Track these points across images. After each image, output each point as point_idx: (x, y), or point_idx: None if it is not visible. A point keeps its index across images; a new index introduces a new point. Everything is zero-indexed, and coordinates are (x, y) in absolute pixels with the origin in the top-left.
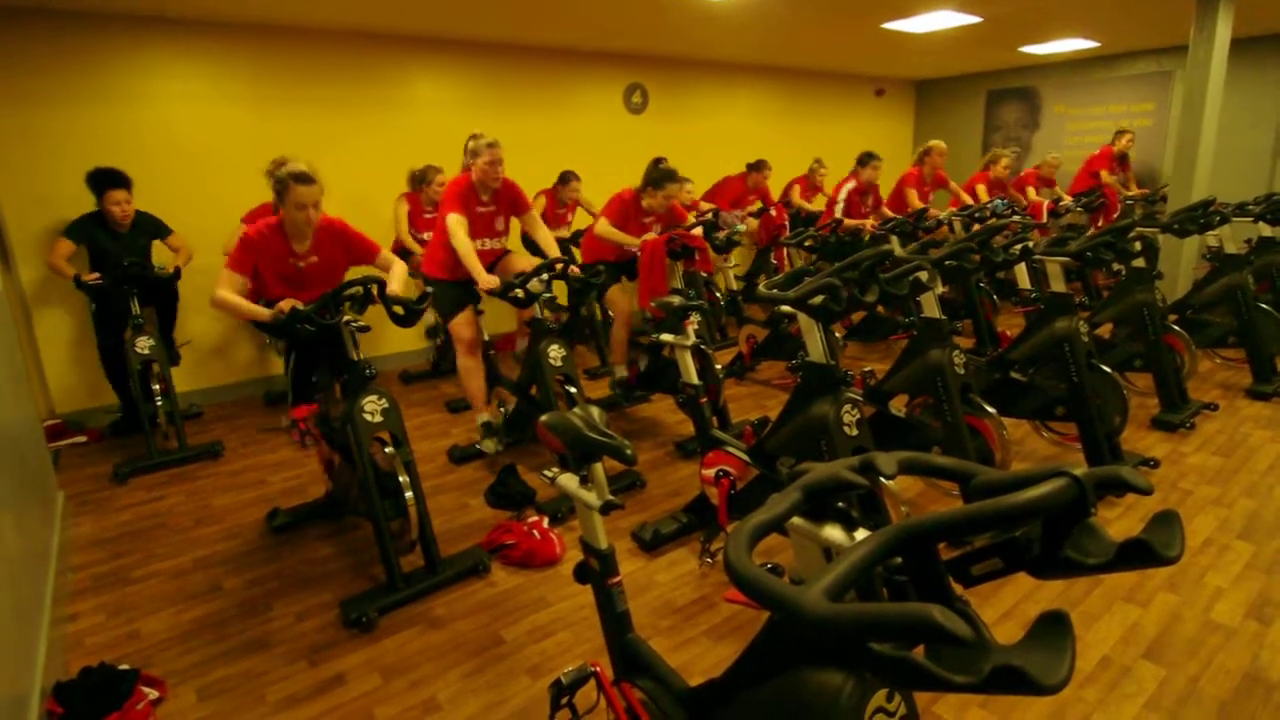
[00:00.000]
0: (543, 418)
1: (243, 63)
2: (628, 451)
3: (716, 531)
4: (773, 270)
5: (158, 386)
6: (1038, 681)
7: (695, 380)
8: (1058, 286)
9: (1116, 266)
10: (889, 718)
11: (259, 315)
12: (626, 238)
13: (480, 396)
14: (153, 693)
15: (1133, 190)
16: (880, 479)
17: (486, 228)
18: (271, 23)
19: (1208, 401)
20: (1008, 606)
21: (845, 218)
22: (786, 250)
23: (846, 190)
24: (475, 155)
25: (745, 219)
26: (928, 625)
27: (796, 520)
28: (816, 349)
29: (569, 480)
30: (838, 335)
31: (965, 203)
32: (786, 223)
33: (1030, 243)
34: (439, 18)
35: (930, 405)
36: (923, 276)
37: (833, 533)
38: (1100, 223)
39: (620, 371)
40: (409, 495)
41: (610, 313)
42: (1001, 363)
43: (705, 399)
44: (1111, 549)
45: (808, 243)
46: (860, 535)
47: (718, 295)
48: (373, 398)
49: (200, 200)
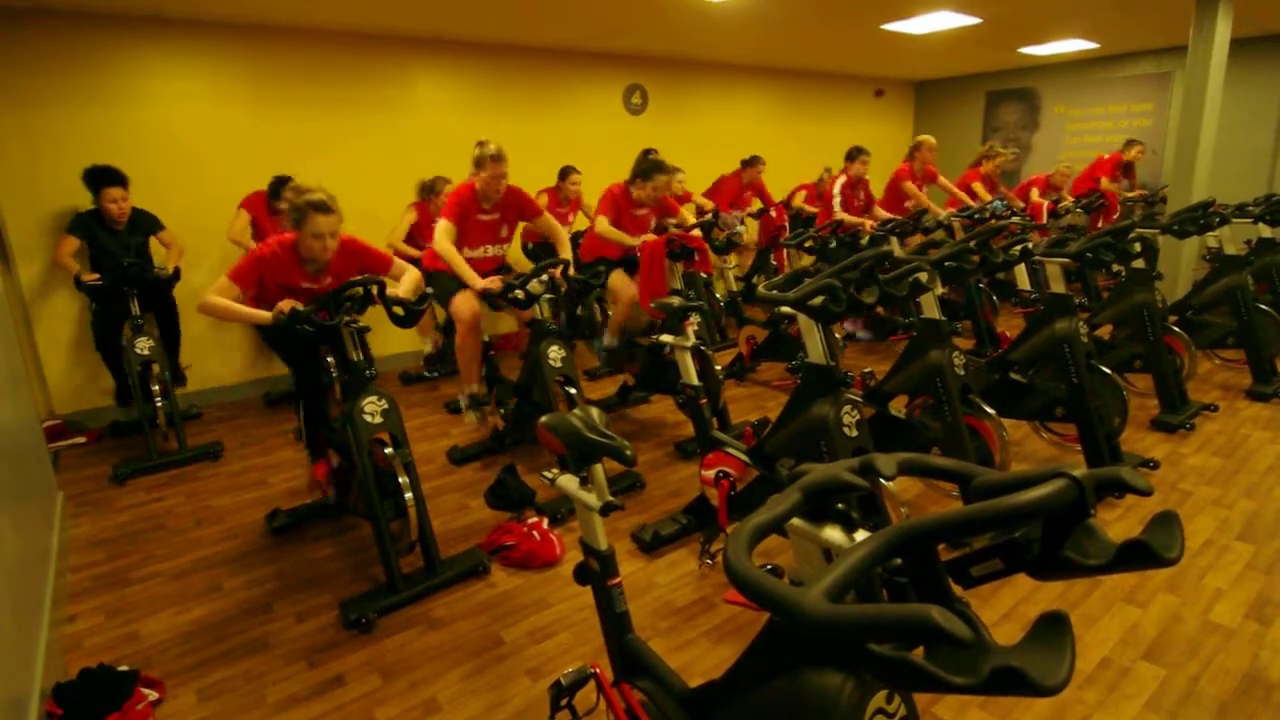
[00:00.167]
0: (542, 419)
1: (242, 63)
2: (627, 452)
3: (716, 532)
4: (772, 271)
5: (158, 388)
6: (1037, 683)
7: (695, 381)
8: (1058, 287)
9: (1116, 267)
10: (889, 719)
11: (258, 318)
12: (627, 238)
13: (472, 372)
14: (152, 694)
15: (1133, 191)
16: (880, 480)
17: (489, 235)
18: (270, 23)
19: (1207, 402)
20: (1007, 607)
21: (844, 213)
22: (786, 251)
23: (839, 185)
24: (479, 166)
25: (744, 219)
26: (927, 626)
27: (796, 521)
28: (816, 350)
29: (569, 481)
30: (838, 336)
31: (957, 198)
32: (786, 224)
33: (1030, 244)
34: (439, 18)
35: (930, 406)
36: (922, 277)
37: (832, 534)
38: (1100, 224)
39: (609, 340)
40: (409, 496)
41: (612, 298)
42: (1001, 364)
43: (704, 400)
44: (1111, 550)
45: (808, 244)
46: (860, 536)
47: (718, 297)
48: (372, 398)
49: (200, 200)
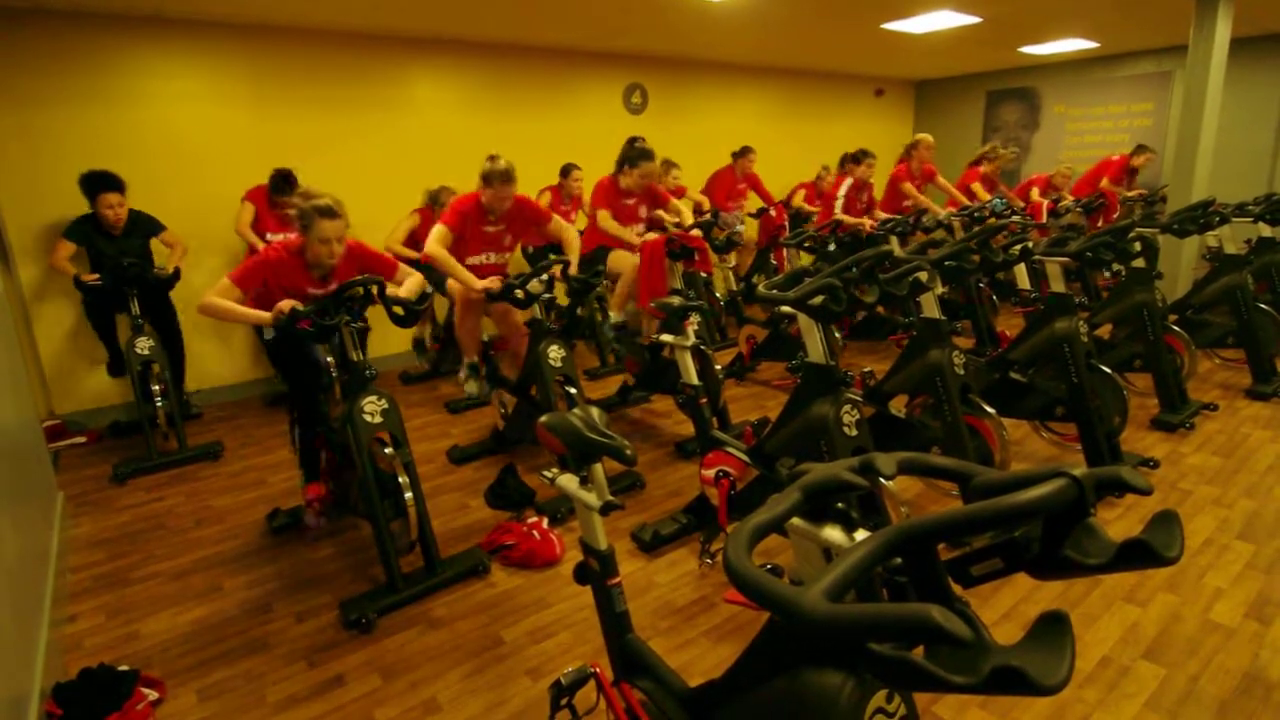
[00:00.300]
0: (542, 418)
1: (242, 63)
2: (627, 452)
3: (716, 532)
4: (772, 271)
5: (158, 387)
6: (1037, 682)
7: (695, 381)
8: (1057, 287)
9: (1116, 267)
10: (889, 718)
11: (258, 318)
12: (626, 233)
13: (472, 346)
14: (152, 694)
15: (1132, 191)
16: (880, 479)
17: (492, 244)
18: (271, 23)
19: (1207, 402)
20: (1007, 607)
21: (845, 215)
22: (786, 251)
23: (845, 187)
24: (487, 183)
25: (744, 219)
26: (927, 626)
27: (796, 521)
28: (816, 350)
29: (569, 481)
30: (837, 335)
31: (954, 197)
32: (786, 223)
33: (1030, 243)
34: (438, 18)
35: (930, 405)
36: (922, 277)
37: (832, 533)
38: (1100, 223)
39: (615, 316)
40: (408, 496)
41: (613, 275)
42: (1001, 363)
43: (704, 399)
44: (1111, 549)
45: (807, 243)
46: (860, 536)
47: (717, 296)
48: (372, 398)
49: (200, 201)
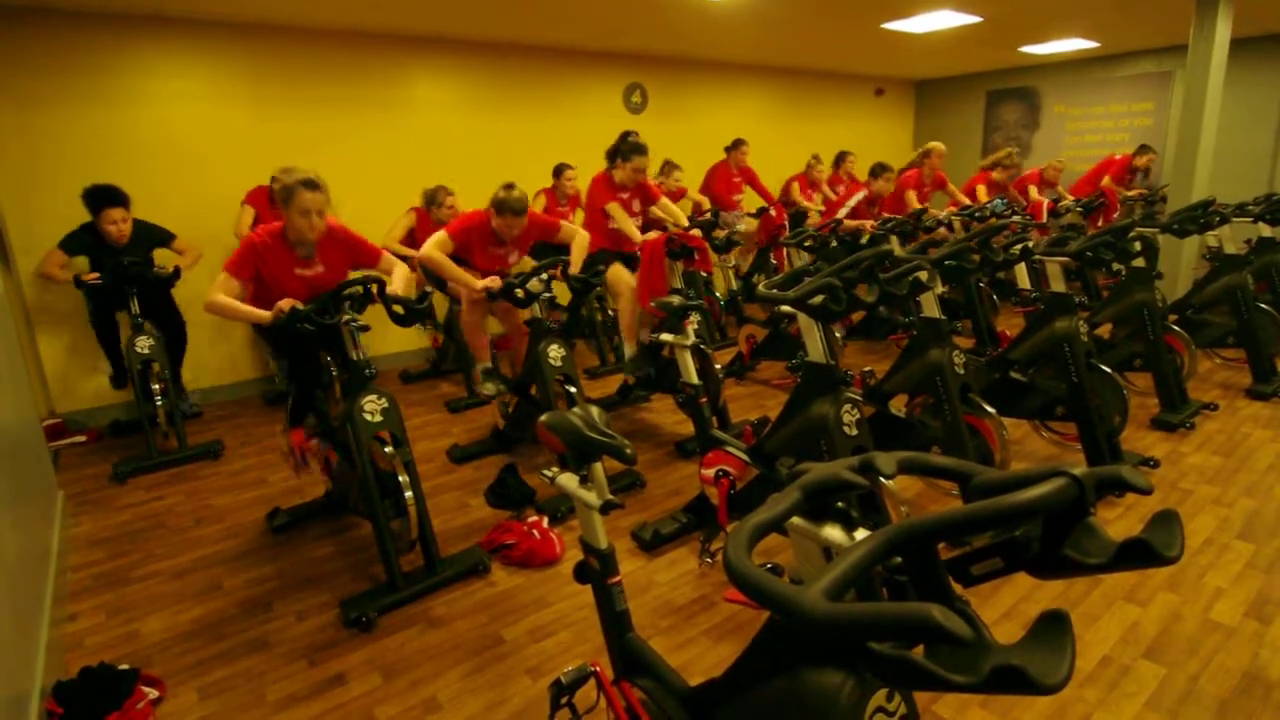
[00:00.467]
0: (542, 417)
1: (242, 62)
2: (627, 451)
3: (716, 531)
4: (772, 270)
5: (158, 386)
6: (1038, 681)
7: (695, 380)
8: (1058, 286)
9: (1116, 266)
10: (889, 717)
11: (258, 317)
12: (632, 231)
13: (482, 348)
14: (152, 692)
15: (1132, 191)
16: (880, 479)
17: (498, 263)
18: (271, 22)
19: (1207, 401)
20: (1007, 606)
21: (848, 219)
22: (786, 250)
23: (857, 199)
24: (498, 212)
25: (744, 219)
26: (927, 625)
27: (796, 520)
28: (816, 349)
29: (569, 480)
30: (837, 335)
31: (962, 204)
32: (786, 222)
33: (1030, 243)
34: (438, 17)
35: (930, 405)
36: (922, 276)
37: (832, 532)
38: (1100, 223)
39: (632, 348)
40: (409, 495)
41: (613, 294)
42: (1001, 362)
43: (704, 399)
44: (1111, 549)
45: (807, 243)
46: (860, 535)
47: (716, 296)
48: (372, 397)
49: (199, 200)
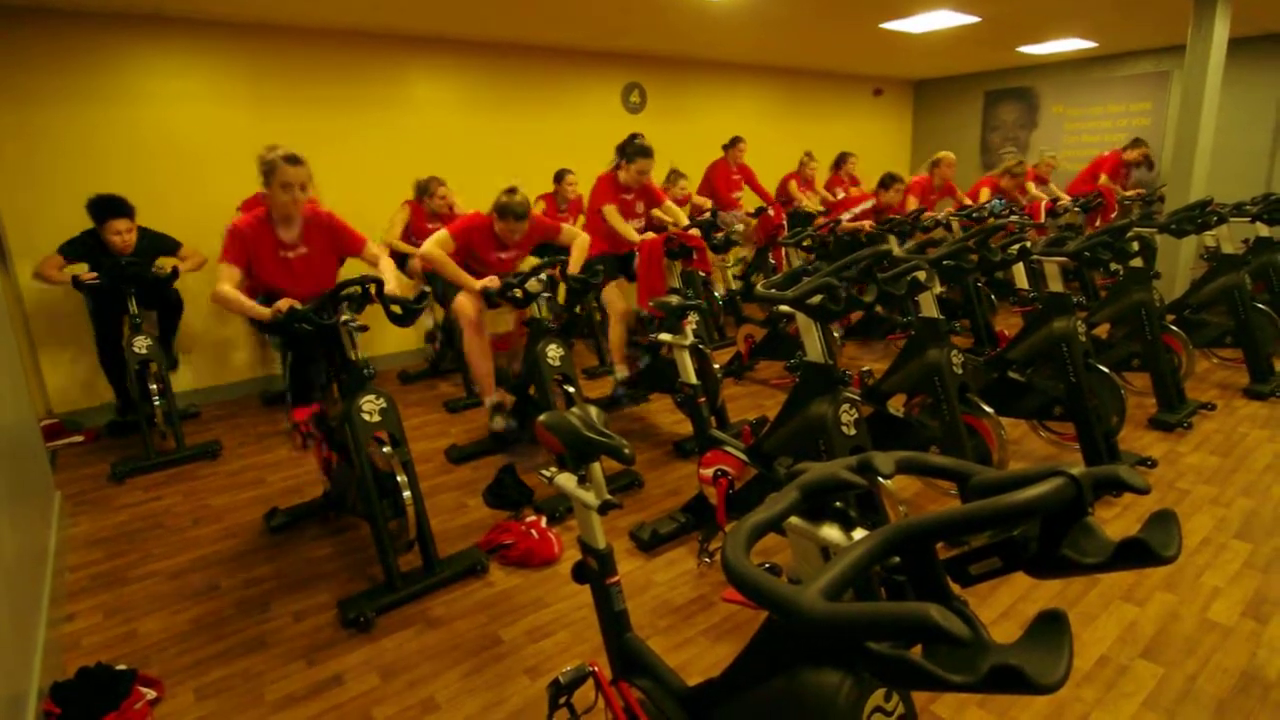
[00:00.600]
0: (541, 417)
1: (241, 62)
2: (626, 451)
3: (714, 531)
4: (771, 270)
5: (155, 386)
6: (1035, 681)
7: (693, 380)
8: (1056, 286)
9: (1114, 266)
10: (887, 717)
11: (258, 313)
12: (629, 231)
13: (488, 378)
14: (150, 693)
15: (1129, 190)
16: (878, 478)
17: (504, 267)
18: (270, 22)
19: (1205, 401)
20: (1005, 606)
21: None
22: (785, 250)
23: (863, 208)
24: (501, 216)
25: (743, 218)
26: (925, 625)
27: (794, 520)
28: (814, 349)
29: (567, 480)
30: (835, 335)
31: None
32: (785, 222)
33: (1028, 242)
34: (437, 17)
35: (928, 405)
36: (920, 276)
37: (830, 532)
38: (1098, 223)
39: (621, 372)
40: (407, 495)
41: (606, 311)
42: (999, 362)
43: (703, 398)
44: (1109, 548)
45: (805, 242)
46: (858, 535)
47: (715, 295)
48: (371, 397)
49: (198, 200)
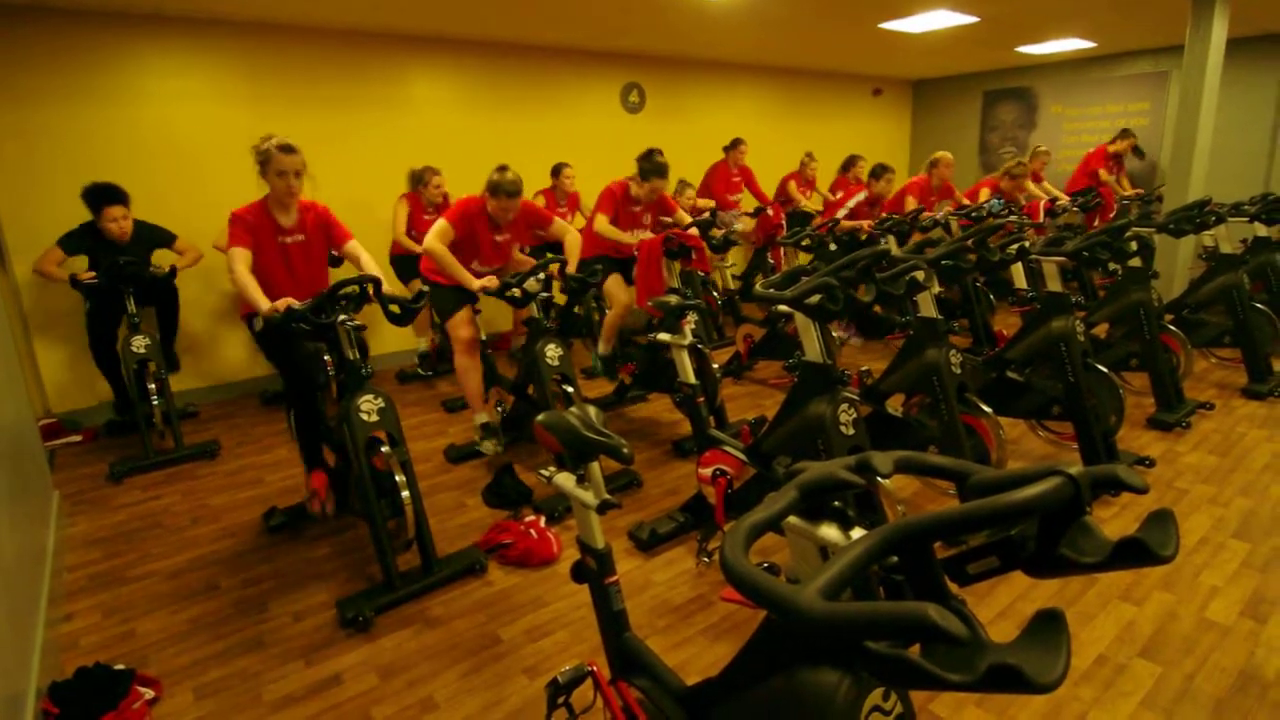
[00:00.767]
0: (540, 417)
1: (240, 61)
2: (625, 451)
3: (713, 531)
4: (770, 270)
5: (153, 386)
6: (1033, 680)
7: (692, 380)
8: (1054, 286)
9: (1113, 266)
10: (885, 716)
11: (259, 305)
12: (624, 236)
13: (478, 397)
14: (149, 692)
15: (1126, 190)
16: (876, 478)
17: (501, 255)
18: (269, 21)
19: (1203, 401)
20: (1003, 605)
21: (848, 222)
22: (784, 249)
23: (856, 200)
24: (492, 194)
25: (742, 218)
26: (923, 624)
27: (793, 519)
28: (813, 348)
29: (566, 479)
30: (835, 335)
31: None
32: (784, 222)
33: (1027, 242)
34: (437, 17)
35: (927, 404)
36: (919, 276)
37: (829, 532)
38: (1096, 223)
39: (604, 348)
40: (405, 495)
41: (607, 304)
42: (998, 362)
43: (702, 398)
44: (1107, 548)
45: (804, 242)
46: (856, 534)
47: (714, 295)
48: (369, 397)
49: (197, 200)
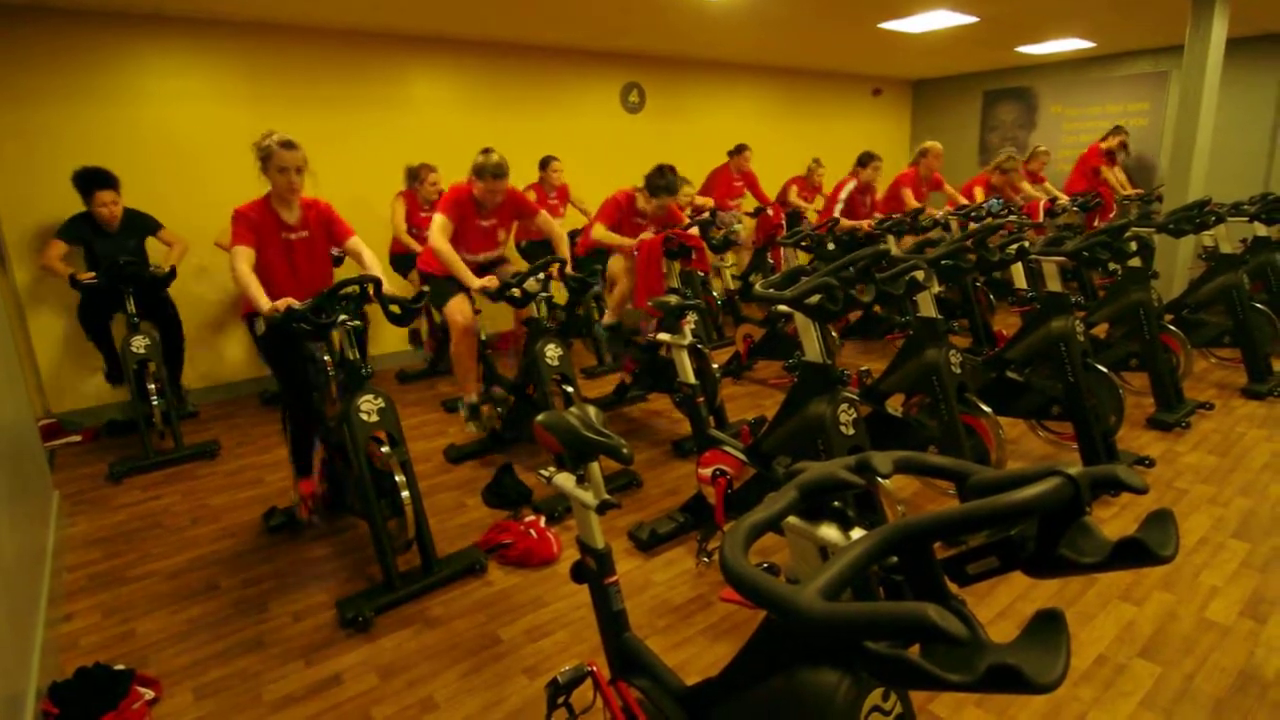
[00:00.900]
0: (539, 417)
1: (240, 61)
2: (624, 451)
3: (713, 531)
4: (769, 270)
5: (153, 386)
6: (1033, 680)
7: (692, 380)
8: (1054, 286)
9: (1113, 266)
10: (885, 716)
11: (260, 303)
12: (623, 240)
13: (469, 378)
14: (148, 693)
15: (1126, 189)
16: (876, 478)
17: (487, 242)
18: (270, 21)
19: (1203, 401)
20: (1003, 605)
21: (845, 218)
22: (783, 250)
23: (848, 190)
24: (479, 176)
25: (741, 218)
26: (923, 624)
27: (792, 519)
28: (813, 348)
29: (566, 479)
30: (834, 335)
31: (957, 203)
32: (784, 222)
33: (1026, 242)
34: (437, 17)
35: (926, 404)
36: (919, 276)
37: (829, 532)
38: (1096, 223)
39: (610, 318)
40: (405, 495)
41: (610, 283)
42: (998, 362)
43: (701, 398)
44: (1107, 548)
45: (804, 242)
46: (856, 534)
47: (714, 295)
48: (369, 397)
49: (197, 199)
